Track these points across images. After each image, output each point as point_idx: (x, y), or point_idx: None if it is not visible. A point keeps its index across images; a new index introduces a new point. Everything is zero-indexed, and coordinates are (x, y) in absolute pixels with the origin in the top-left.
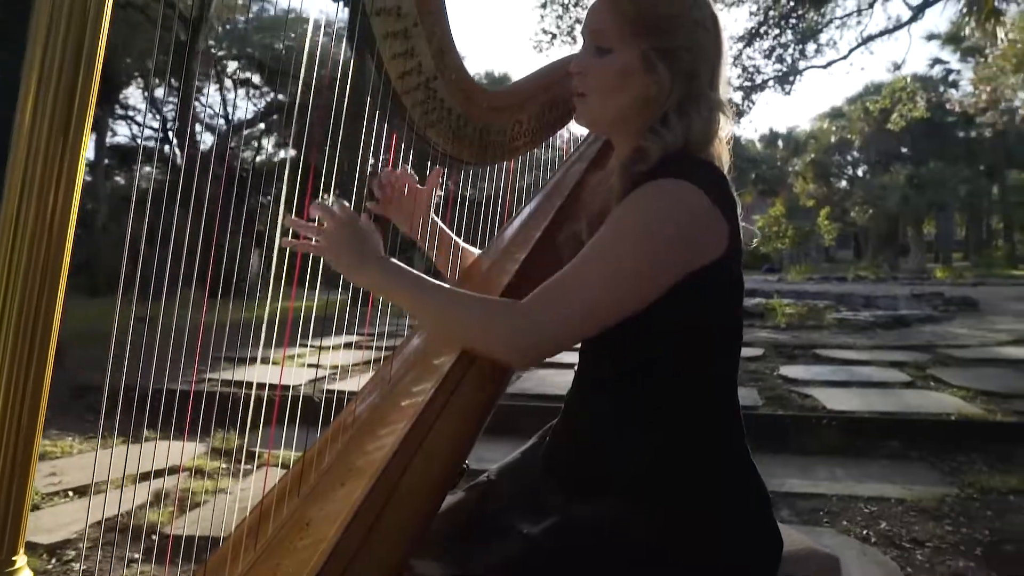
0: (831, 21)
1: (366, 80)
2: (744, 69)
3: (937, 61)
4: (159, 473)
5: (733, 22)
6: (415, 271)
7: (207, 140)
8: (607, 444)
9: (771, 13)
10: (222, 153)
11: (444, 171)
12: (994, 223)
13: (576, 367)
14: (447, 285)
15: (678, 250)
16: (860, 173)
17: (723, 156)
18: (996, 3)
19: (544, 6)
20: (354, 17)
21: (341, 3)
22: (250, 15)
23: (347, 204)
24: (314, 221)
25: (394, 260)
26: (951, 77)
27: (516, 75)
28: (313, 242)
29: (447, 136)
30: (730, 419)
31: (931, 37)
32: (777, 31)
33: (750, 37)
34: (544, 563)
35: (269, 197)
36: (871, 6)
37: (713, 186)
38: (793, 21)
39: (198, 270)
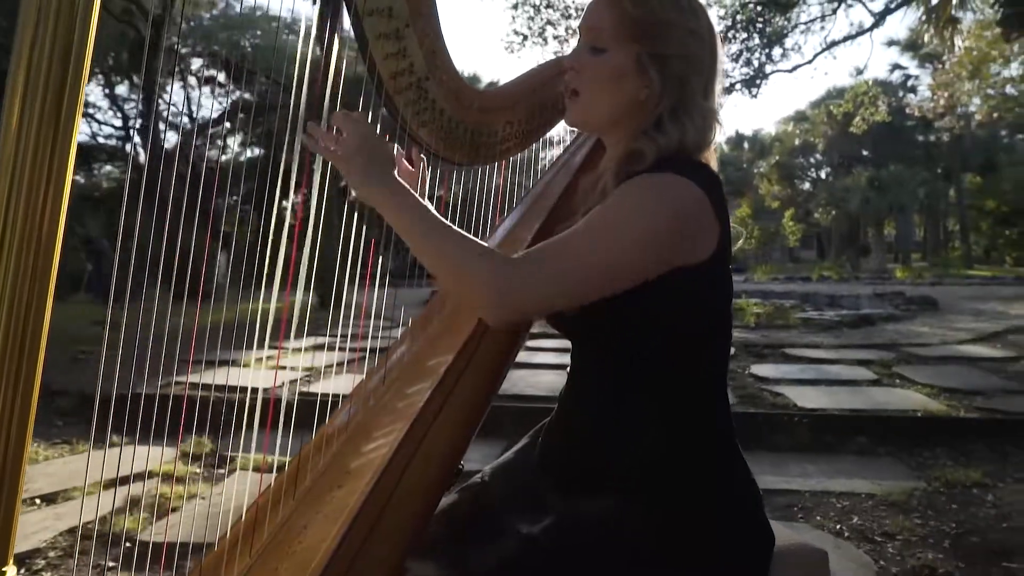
0: (796, 26)
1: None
2: None
3: (896, 67)
4: (130, 479)
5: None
6: (423, 200)
7: (171, 139)
8: (603, 442)
9: (739, 17)
10: (186, 152)
11: (422, 153)
12: (950, 225)
13: (569, 366)
14: (448, 223)
15: (667, 239)
16: (823, 175)
17: (711, 163)
18: (953, 12)
19: (516, 7)
20: (333, 18)
21: (316, 2)
22: (215, 12)
23: (365, 117)
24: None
25: (403, 183)
26: (910, 82)
27: (486, 76)
28: (331, 149)
29: (439, 137)
30: (722, 416)
31: (891, 43)
32: (745, 35)
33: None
34: (543, 562)
35: (235, 198)
36: (835, 12)
37: (708, 186)
38: (760, 25)
39: (162, 272)
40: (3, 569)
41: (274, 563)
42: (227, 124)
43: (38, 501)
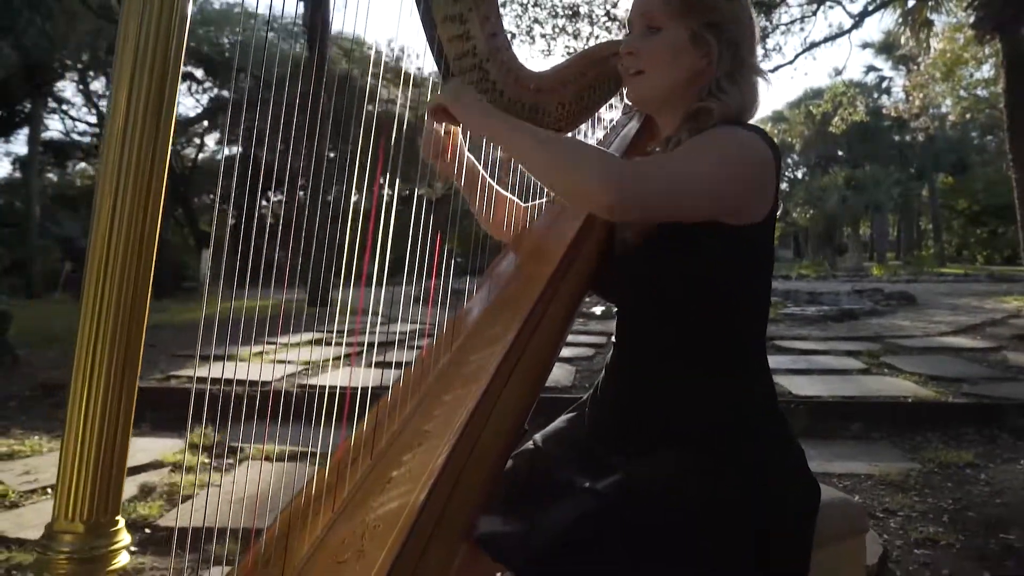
0: (777, 27)
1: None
2: None
3: (871, 68)
4: (140, 469)
5: None
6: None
7: None
8: (659, 405)
9: None
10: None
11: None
12: (923, 224)
13: (616, 336)
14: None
15: (753, 182)
16: (800, 175)
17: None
18: (928, 14)
19: (504, 6)
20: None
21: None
22: (193, 8)
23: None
24: None
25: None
26: (884, 84)
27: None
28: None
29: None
30: (765, 378)
31: (866, 46)
32: None
33: None
34: (616, 514)
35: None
36: (814, 14)
37: (773, 150)
38: None
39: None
40: (116, 518)
41: (360, 515)
42: (205, 122)
43: (49, 491)
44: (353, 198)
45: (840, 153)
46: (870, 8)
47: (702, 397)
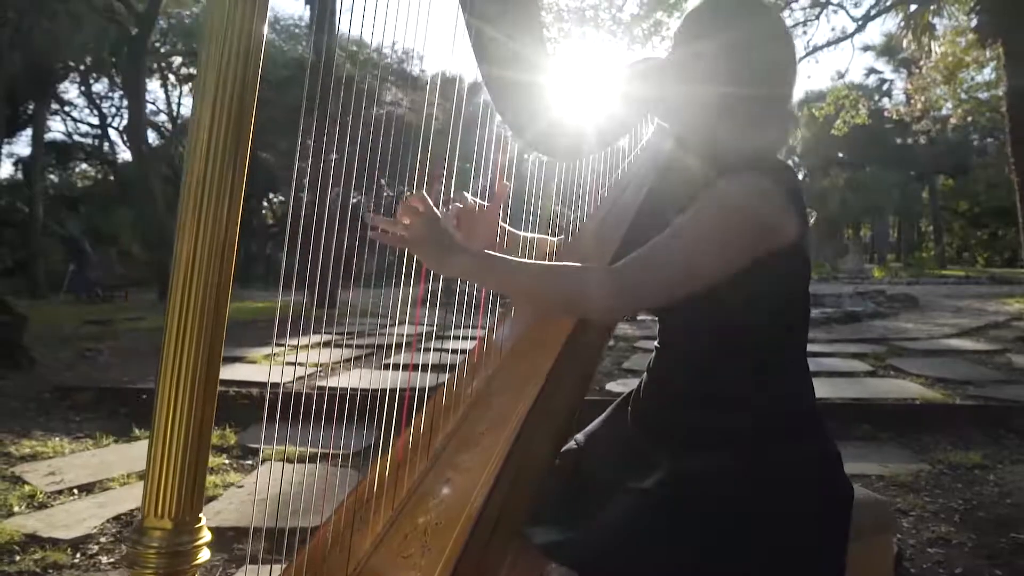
0: None
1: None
2: None
3: (872, 71)
4: None
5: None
6: (498, 254)
7: (151, 138)
8: (703, 405)
9: None
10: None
11: (510, 186)
12: (923, 226)
13: (660, 341)
14: (529, 261)
15: (750, 236)
16: (801, 177)
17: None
18: (930, 18)
19: None
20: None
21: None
22: (195, 8)
23: (428, 200)
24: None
25: (476, 249)
26: (885, 86)
27: (469, 76)
28: (399, 235)
29: (544, 132)
30: (808, 381)
31: (867, 48)
32: None
33: None
34: (663, 511)
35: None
36: (817, 17)
37: (786, 181)
38: None
39: (151, 271)
40: (199, 515)
41: (421, 513)
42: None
43: (76, 491)
44: (354, 199)
45: (841, 155)
46: (872, 12)
47: (747, 399)
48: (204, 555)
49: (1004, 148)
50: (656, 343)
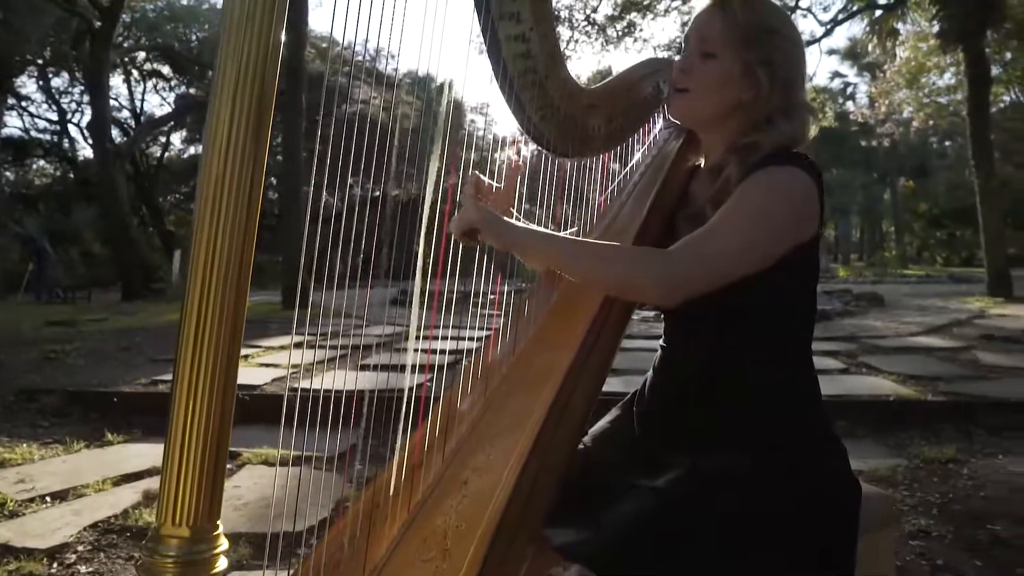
0: None
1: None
2: None
3: (837, 74)
4: (140, 475)
5: (661, 31)
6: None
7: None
8: (718, 405)
9: None
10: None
11: (522, 168)
12: (885, 226)
13: (666, 339)
14: (585, 239)
15: (791, 224)
16: None
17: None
18: (894, 23)
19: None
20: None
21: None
22: (159, 3)
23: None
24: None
25: (529, 226)
26: (849, 90)
27: (457, 78)
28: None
29: (554, 130)
30: (814, 378)
31: (832, 52)
32: None
33: (679, 48)
34: (677, 511)
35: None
36: None
37: (815, 175)
38: None
39: (112, 271)
40: (218, 521)
41: (439, 516)
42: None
43: (48, 499)
44: (325, 198)
45: (807, 157)
46: (840, 17)
47: (756, 397)
48: (222, 563)
49: (963, 151)
50: (661, 342)
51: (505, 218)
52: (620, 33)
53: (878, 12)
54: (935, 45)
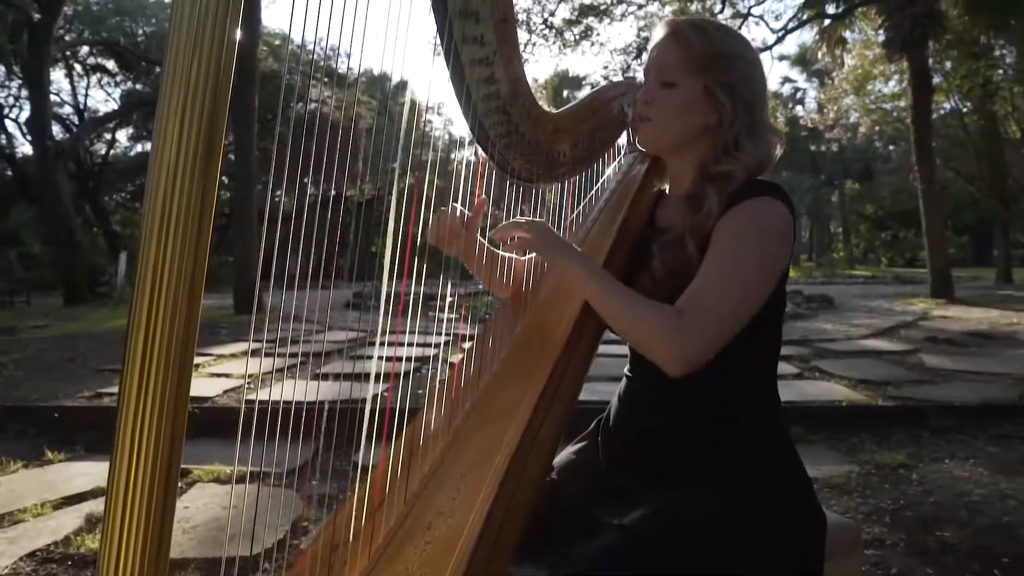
0: None
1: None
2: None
3: (787, 80)
4: (82, 497)
5: (617, 35)
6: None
7: (56, 131)
8: (685, 437)
9: None
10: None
11: (488, 200)
12: (833, 227)
13: (631, 368)
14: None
15: (782, 260)
16: None
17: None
18: (843, 33)
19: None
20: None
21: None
22: None
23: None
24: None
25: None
26: (799, 95)
27: (409, 77)
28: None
29: (519, 156)
30: (780, 409)
31: (782, 58)
32: None
33: (637, 51)
34: (644, 549)
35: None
36: (739, 28)
37: (789, 206)
38: None
39: (54, 274)
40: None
41: (401, 563)
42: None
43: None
44: (280, 197)
45: None
46: (791, 26)
47: (724, 431)
48: None
49: (907, 156)
50: (627, 371)
51: (564, 242)
52: (577, 37)
53: (827, 21)
54: (881, 54)
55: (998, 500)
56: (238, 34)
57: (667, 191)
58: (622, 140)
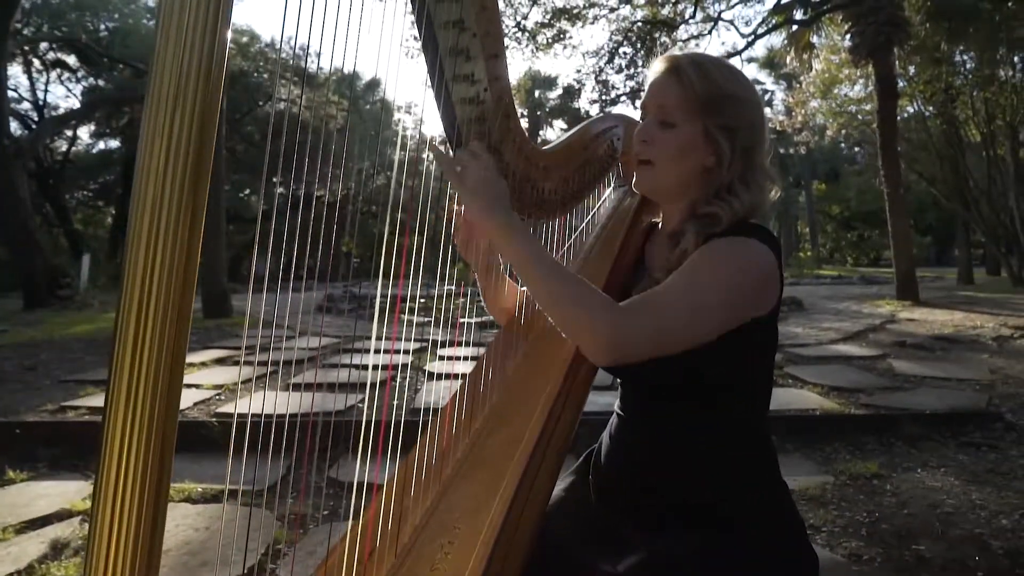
0: (677, 43)
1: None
2: (603, 84)
3: (756, 82)
4: (46, 520)
5: (590, 38)
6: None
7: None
8: (679, 478)
9: (628, 34)
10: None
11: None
12: (800, 227)
13: (622, 407)
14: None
15: (748, 295)
16: None
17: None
18: (810, 38)
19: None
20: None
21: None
22: None
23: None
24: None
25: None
26: (767, 97)
27: (382, 77)
28: (458, 171)
29: (511, 195)
30: (773, 452)
31: (751, 60)
32: (632, 50)
33: (609, 55)
34: None
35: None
36: (710, 32)
37: (774, 248)
38: (648, 42)
39: (15, 276)
40: None
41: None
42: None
43: None
44: (249, 198)
45: None
46: (760, 31)
47: (715, 474)
48: None
49: (872, 158)
50: (617, 407)
51: (505, 198)
52: (550, 40)
53: (795, 27)
54: (847, 58)
55: (970, 511)
56: (229, 34)
57: (659, 224)
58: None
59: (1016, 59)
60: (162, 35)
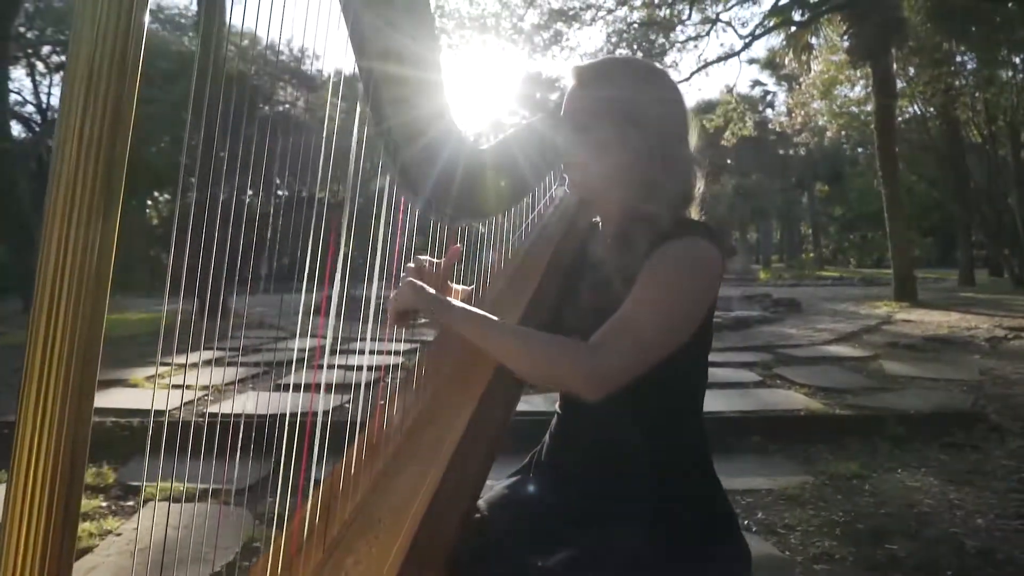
0: (674, 44)
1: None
2: None
3: (757, 83)
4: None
5: (587, 40)
6: (480, 312)
7: (16, 130)
8: (616, 475)
9: (624, 35)
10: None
11: (461, 249)
12: (803, 229)
13: (563, 405)
14: (516, 326)
15: (703, 296)
16: None
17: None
18: (809, 39)
19: None
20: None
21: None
22: None
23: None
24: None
25: (464, 306)
26: (768, 98)
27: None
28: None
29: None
30: (706, 444)
31: (752, 61)
32: (630, 52)
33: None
34: None
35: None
36: (708, 34)
37: (717, 244)
38: (645, 45)
39: (15, 278)
40: None
41: None
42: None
43: None
44: (247, 199)
45: (729, 162)
46: (758, 32)
47: (651, 463)
48: None
49: (873, 159)
50: (557, 407)
51: (447, 299)
52: (546, 41)
53: (793, 28)
54: (846, 59)
55: (946, 510)
56: (146, 18)
57: (600, 224)
58: None
59: (1017, 60)
60: (77, 20)
